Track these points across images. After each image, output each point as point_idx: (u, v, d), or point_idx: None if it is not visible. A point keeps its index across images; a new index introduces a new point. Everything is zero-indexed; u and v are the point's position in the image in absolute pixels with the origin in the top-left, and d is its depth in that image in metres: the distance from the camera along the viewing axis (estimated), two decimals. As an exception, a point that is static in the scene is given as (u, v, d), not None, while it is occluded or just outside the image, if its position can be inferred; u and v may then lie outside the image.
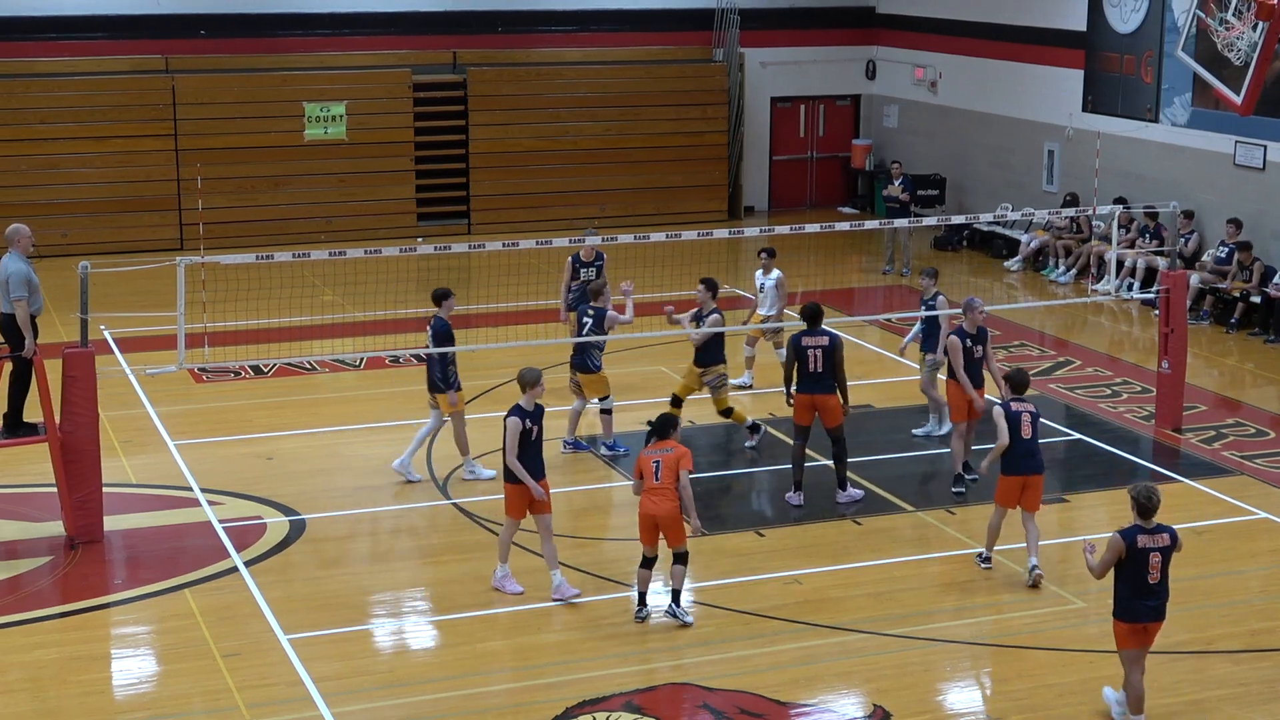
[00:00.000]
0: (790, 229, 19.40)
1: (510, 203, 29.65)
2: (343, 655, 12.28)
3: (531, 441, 12.97)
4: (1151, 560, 10.73)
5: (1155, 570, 10.73)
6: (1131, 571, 10.73)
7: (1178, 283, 17.66)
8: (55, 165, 27.56)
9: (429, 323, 16.22)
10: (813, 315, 15.48)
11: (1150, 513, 10.79)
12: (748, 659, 12.14)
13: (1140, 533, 10.78)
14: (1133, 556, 10.72)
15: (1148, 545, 10.74)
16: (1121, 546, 10.73)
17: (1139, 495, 10.84)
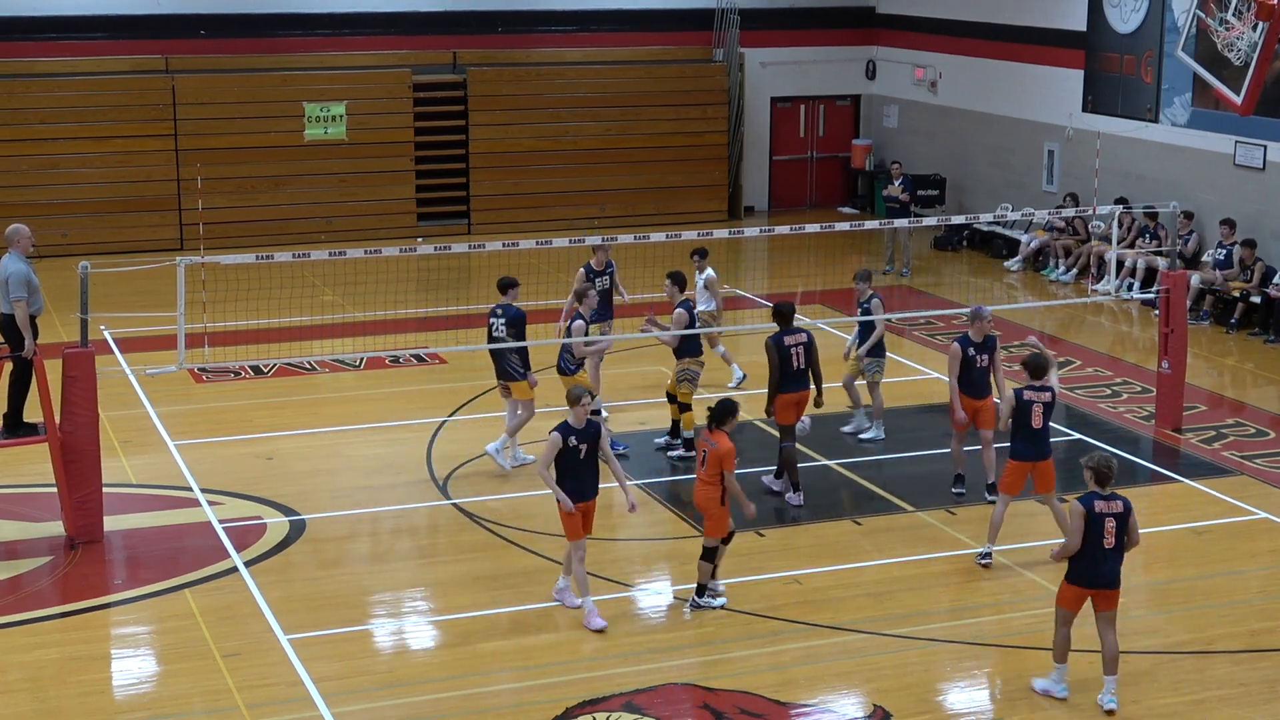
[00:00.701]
0: (790, 229, 19.39)
1: (510, 203, 29.66)
2: (343, 655, 12.28)
3: (580, 460, 12.52)
4: (1107, 526, 11.20)
5: (1110, 536, 11.20)
6: (1088, 537, 11.18)
7: (1178, 283, 17.67)
8: (55, 165, 27.56)
9: (493, 314, 16.22)
10: (788, 314, 15.57)
11: (1108, 480, 11.25)
12: (748, 659, 12.14)
13: (1097, 499, 11.23)
14: (1090, 522, 11.17)
15: (1104, 511, 11.21)
16: (1082, 512, 11.17)
17: (1098, 464, 11.28)
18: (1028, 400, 13.61)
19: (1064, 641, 11.52)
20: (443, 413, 18.48)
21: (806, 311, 23.52)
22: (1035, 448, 13.75)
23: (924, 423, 18.31)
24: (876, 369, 17.43)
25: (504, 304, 16.24)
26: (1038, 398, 13.64)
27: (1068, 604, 11.43)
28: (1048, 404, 13.68)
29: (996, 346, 15.51)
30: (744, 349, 21.84)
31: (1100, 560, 11.24)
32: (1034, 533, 14.93)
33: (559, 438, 12.45)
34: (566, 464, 12.49)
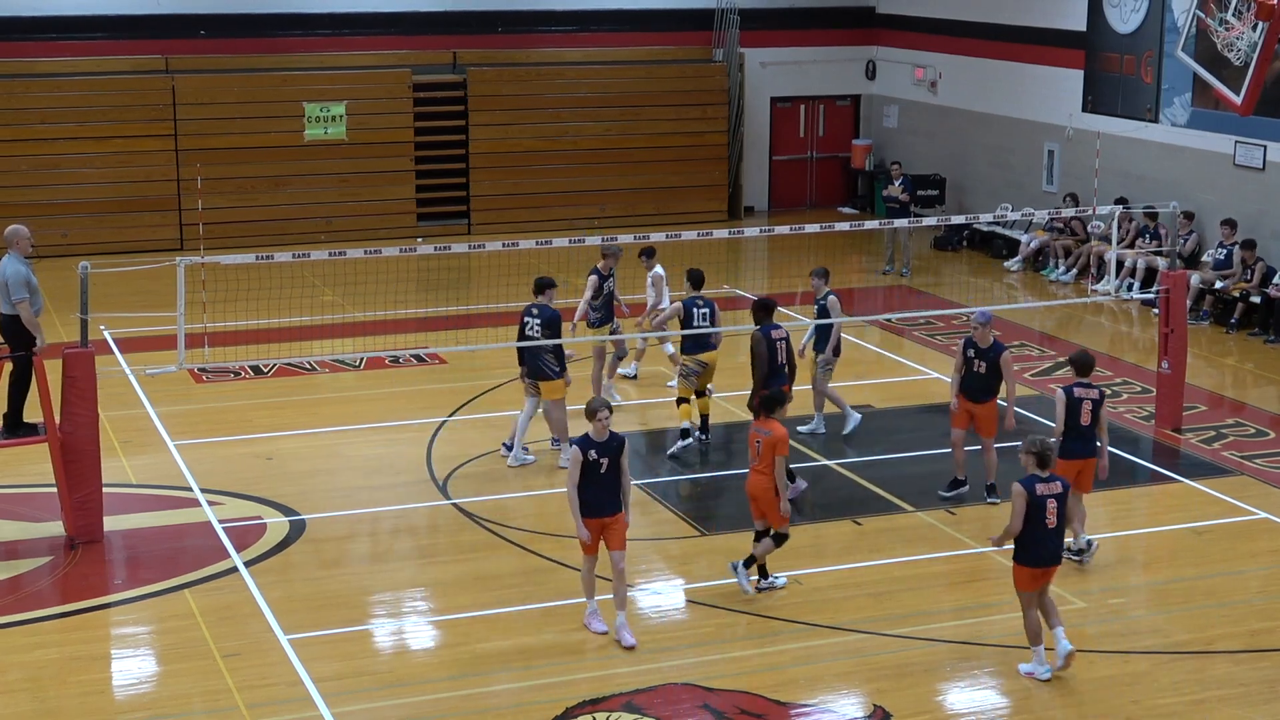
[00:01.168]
0: (790, 229, 19.39)
1: (510, 203, 29.65)
2: (343, 655, 12.28)
3: (600, 475, 12.22)
4: (1049, 507, 11.60)
5: (1053, 516, 11.62)
6: (1033, 519, 11.57)
7: (1178, 283, 17.66)
8: (55, 165, 27.56)
9: (527, 314, 16.31)
10: (772, 309, 15.71)
11: (1048, 464, 11.66)
12: (748, 659, 12.14)
13: (1038, 481, 11.63)
14: (1034, 504, 11.56)
15: (1045, 493, 11.60)
16: (1025, 494, 11.55)
17: (1037, 448, 11.69)
18: (1078, 398, 13.65)
19: (1035, 624, 11.80)
20: (443, 413, 18.48)
21: (807, 312, 23.53)
22: (1085, 445, 13.75)
23: (924, 423, 18.31)
24: (828, 367, 17.36)
25: (540, 304, 16.36)
26: (1087, 394, 13.67)
27: (1027, 586, 11.76)
28: (1096, 401, 13.70)
29: (1001, 355, 15.17)
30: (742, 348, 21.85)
31: (1045, 540, 11.66)
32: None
33: (579, 452, 12.17)
34: (586, 478, 12.19)
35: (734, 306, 23.54)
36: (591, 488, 12.24)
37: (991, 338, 15.19)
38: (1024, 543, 11.68)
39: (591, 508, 12.26)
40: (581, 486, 12.22)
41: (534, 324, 16.25)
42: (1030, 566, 11.72)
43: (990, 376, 15.20)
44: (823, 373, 17.34)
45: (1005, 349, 15.23)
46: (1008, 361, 15.15)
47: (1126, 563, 14.48)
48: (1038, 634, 11.84)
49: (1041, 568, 11.75)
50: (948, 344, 21.73)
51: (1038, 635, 11.84)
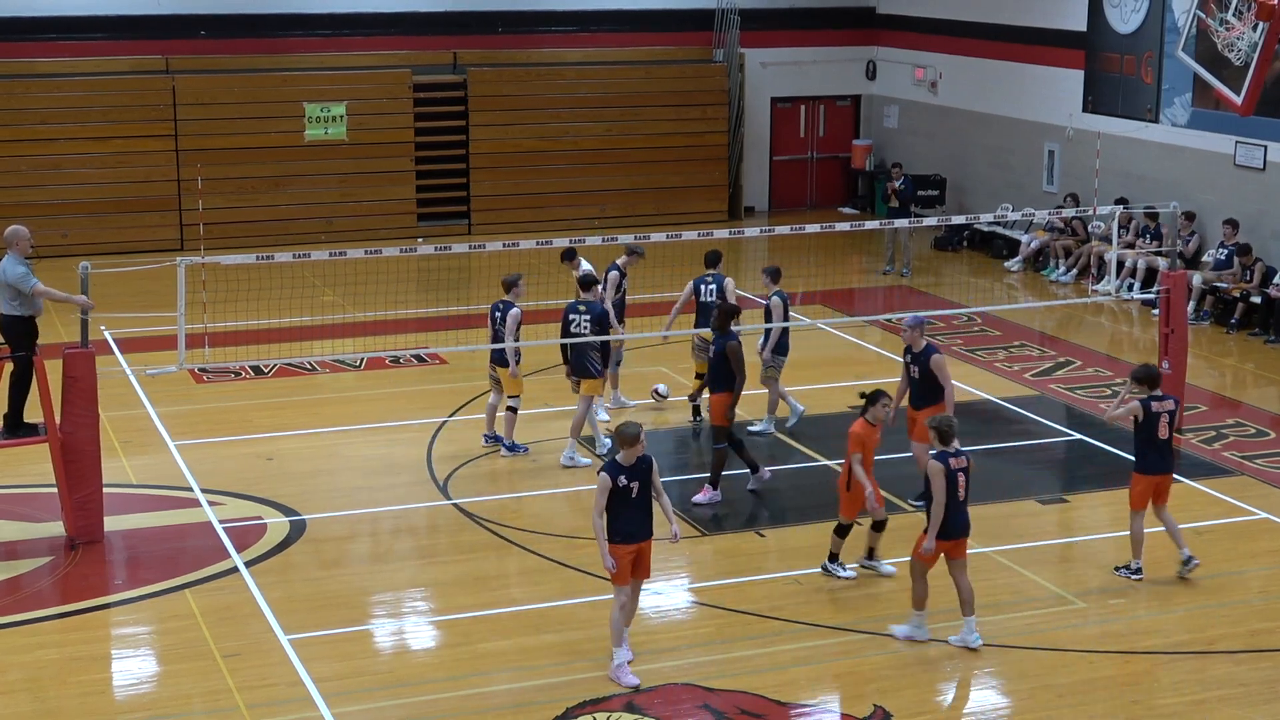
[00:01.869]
0: (790, 229, 19.41)
1: (510, 203, 29.65)
2: (343, 655, 12.28)
3: (631, 499, 11.67)
4: (959, 480, 12.08)
5: (962, 489, 12.11)
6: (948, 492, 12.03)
7: (1178, 283, 17.66)
8: (55, 165, 27.56)
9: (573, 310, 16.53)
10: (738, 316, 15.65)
11: (951, 438, 12.17)
12: (748, 659, 12.14)
13: (950, 456, 12.11)
14: (948, 478, 12.03)
15: (956, 467, 12.11)
16: (942, 470, 12.01)
17: (941, 425, 12.22)
18: (1155, 412, 13.45)
19: (925, 590, 12.37)
20: (443, 413, 18.48)
21: (807, 311, 23.55)
22: (1165, 460, 13.60)
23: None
24: (777, 366, 17.38)
25: (586, 300, 16.58)
26: (1163, 408, 13.48)
27: (931, 558, 12.23)
28: (1171, 413, 13.55)
29: (930, 360, 14.72)
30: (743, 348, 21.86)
31: (958, 511, 12.12)
32: (1035, 533, 14.94)
33: (608, 479, 11.58)
34: (617, 504, 11.61)
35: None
36: (624, 513, 11.65)
37: (924, 342, 14.84)
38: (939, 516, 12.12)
39: (624, 534, 11.66)
40: (613, 514, 11.63)
41: (582, 320, 16.49)
42: (944, 539, 12.12)
43: (924, 382, 14.82)
44: (767, 369, 17.30)
45: (936, 352, 14.84)
46: (939, 364, 14.72)
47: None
48: (924, 600, 12.35)
49: (952, 540, 12.14)
50: (948, 344, 21.73)
51: (924, 602, 12.35)
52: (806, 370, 20.30)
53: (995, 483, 16.26)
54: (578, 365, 16.59)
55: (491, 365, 17.02)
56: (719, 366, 15.31)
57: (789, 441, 17.40)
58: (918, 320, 15.02)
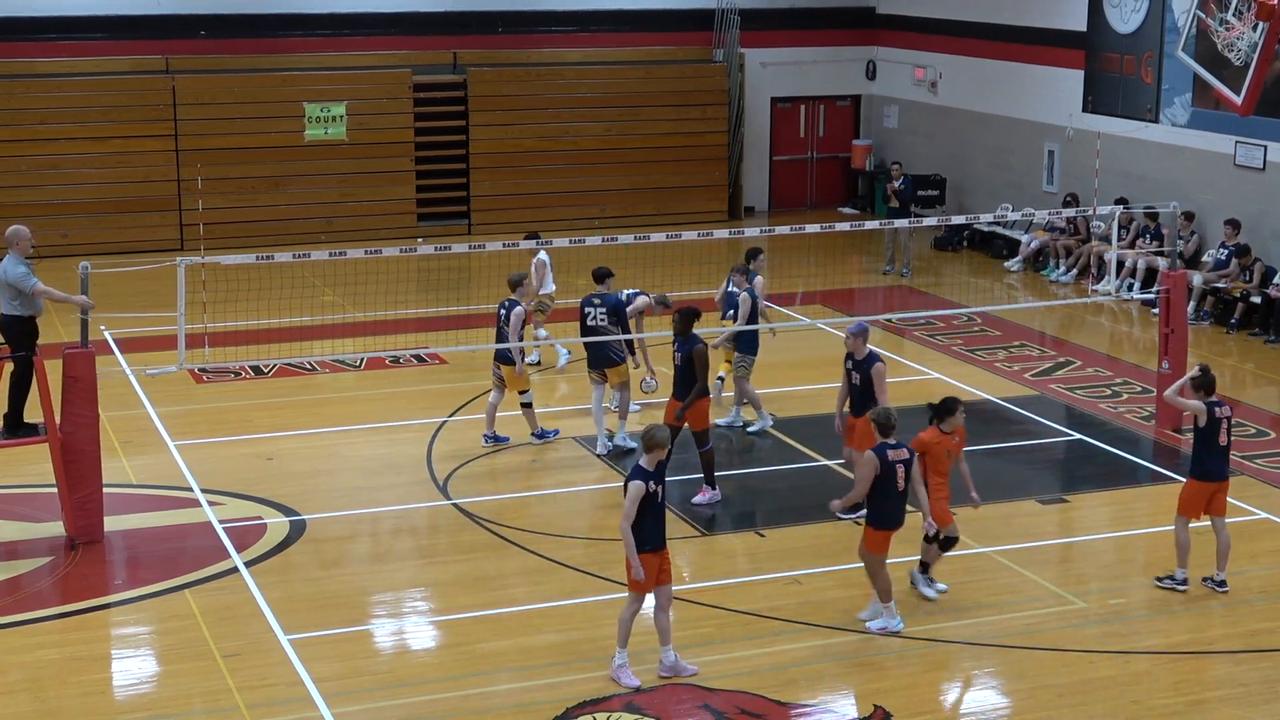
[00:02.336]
0: (790, 229, 19.41)
1: (510, 203, 29.65)
2: (343, 655, 12.28)
3: (658, 504, 11.60)
4: (898, 472, 12.32)
5: (901, 480, 12.33)
6: (884, 483, 12.29)
7: (1178, 283, 17.66)
8: (55, 165, 27.56)
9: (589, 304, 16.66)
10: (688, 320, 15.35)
11: (891, 430, 12.38)
12: (748, 659, 12.14)
13: (888, 448, 12.35)
14: (885, 470, 12.26)
15: (894, 459, 12.32)
16: (876, 462, 12.26)
17: (880, 418, 12.46)
18: (1218, 417, 13.23)
19: (888, 581, 12.50)
20: (443, 413, 18.48)
21: (807, 312, 23.56)
22: (1224, 466, 13.38)
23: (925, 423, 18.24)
24: (745, 365, 17.34)
25: (600, 293, 16.74)
26: (1224, 413, 13.25)
27: (877, 548, 12.41)
28: (1229, 418, 13.33)
29: (872, 368, 14.48)
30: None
31: (897, 501, 12.36)
32: (1035, 533, 14.95)
33: (641, 485, 11.47)
34: (645, 511, 11.50)
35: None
36: (649, 520, 11.54)
37: (867, 349, 14.67)
38: (875, 506, 12.37)
39: (652, 541, 11.58)
40: (638, 522, 11.50)
41: (597, 313, 16.65)
42: (885, 528, 12.36)
43: (864, 389, 14.57)
44: (737, 368, 17.27)
45: (878, 360, 14.61)
46: (879, 373, 14.43)
47: (1126, 563, 14.48)
48: (890, 591, 12.48)
49: (893, 529, 12.40)
50: (948, 344, 21.75)
51: (889, 592, 12.48)
52: (806, 370, 20.33)
53: (995, 483, 16.26)
54: (600, 357, 16.65)
55: (496, 363, 17.05)
56: (687, 372, 15.04)
57: (789, 441, 17.39)
58: (861, 327, 14.76)
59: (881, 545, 12.44)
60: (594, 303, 16.72)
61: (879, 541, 12.44)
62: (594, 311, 16.70)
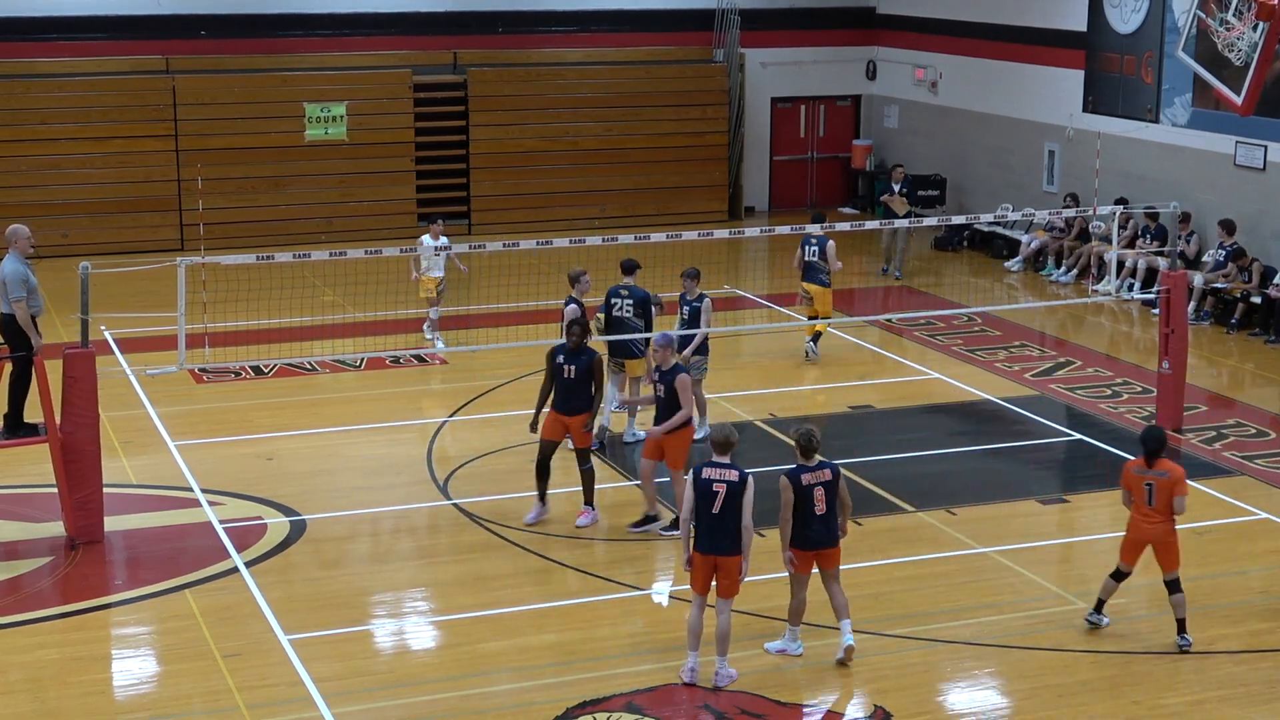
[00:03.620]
0: (791, 229, 19.41)
1: (510, 203, 29.65)
2: (343, 655, 12.28)
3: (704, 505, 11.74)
4: (816, 494, 11.89)
5: (820, 503, 11.91)
6: (800, 506, 11.88)
7: (1178, 283, 17.66)
8: (55, 165, 27.56)
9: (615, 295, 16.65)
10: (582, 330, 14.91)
11: (812, 453, 12.02)
12: (748, 659, 12.14)
13: (804, 471, 11.94)
14: (799, 493, 11.85)
15: (811, 482, 11.90)
16: (790, 486, 11.86)
17: (801, 438, 12.06)
18: None
19: (802, 605, 12.21)
20: (443, 413, 18.49)
21: (807, 311, 23.53)
22: None
23: (925, 423, 18.31)
24: (702, 369, 17.19)
25: (628, 284, 16.72)
26: None
27: (802, 570, 12.05)
28: None
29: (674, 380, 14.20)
30: (744, 348, 21.93)
31: (812, 524, 11.90)
32: (1034, 533, 14.95)
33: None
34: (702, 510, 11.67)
35: (734, 306, 23.56)
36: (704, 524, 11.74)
37: (673, 360, 14.35)
38: (795, 528, 11.95)
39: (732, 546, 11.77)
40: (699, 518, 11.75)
41: (624, 304, 16.67)
42: (798, 548, 11.95)
43: (669, 401, 14.26)
44: (695, 372, 16.93)
45: (684, 372, 14.34)
46: (683, 385, 14.13)
47: (1127, 563, 14.48)
48: (800, 614, 12.21)
49: (809, 550, 11.96)
50: (948, 344, 21.75)
51: (800, 615, 12.21)
52: (806, 370, 20.33)
53: (995, 483, 16.30)
54: (621, 347, 16.67)
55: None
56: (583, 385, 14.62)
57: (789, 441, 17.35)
58: (667, 339, 14.43)
59: (802, 567, 11.99)
60: (621, 294, 16.71)
61: (801, 562, 11.99)
62: (620, 302, 16.69)
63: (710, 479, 11.65)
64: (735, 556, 11.65)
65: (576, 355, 14.69)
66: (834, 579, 12.10)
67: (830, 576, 12.09)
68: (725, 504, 11.62)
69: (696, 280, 17.23)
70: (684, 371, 14.45)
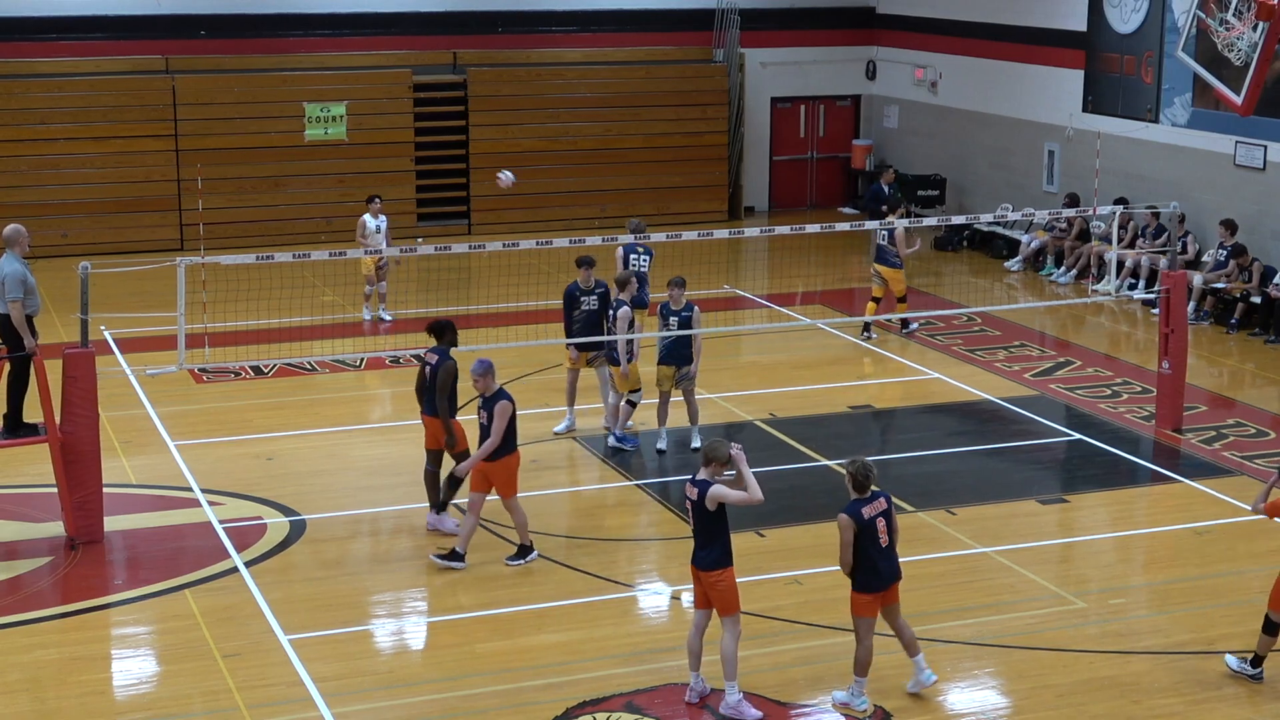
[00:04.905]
0: (790, 229, 19.41)
1: (510, 203, 29.61)
2: (343, 655, 12.28)
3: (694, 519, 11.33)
4: (878, 526, 11.20)
5: (883, 535, 11.22)
6: (863, 543, 11.15)
7: (1178, 283, 17.66)
8: (55, 165, 27.56)
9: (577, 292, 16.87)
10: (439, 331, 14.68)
11: (867, 487, 11.22)
12: (748, 659, 12.12)
13: (863, 505, 11.19)
14: (863, 530, 11.14)
15: (872, 514, 11.18)
16: (852, 524, 11.11)
17: (858, 472, 11.20)
18: None
19: (869, 655, 11.40)
20: (443, 413, 18.45)
21: (807, 311, 23.55)
22: None
23: (925, 423, 18.32)
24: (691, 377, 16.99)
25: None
26: None
27: (865, 612, 11.31)
28: None
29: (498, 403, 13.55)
30: (744, 348, 21.94)
31: (879, 560, 11.21)
32: (1034, 533, 14.95)
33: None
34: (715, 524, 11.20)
35: (734, 306, 23.56)
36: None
37: (495, 386, 13.65)
38: (860, 568, 11.20)
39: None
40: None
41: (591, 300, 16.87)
42: (868, 593, 11.23)
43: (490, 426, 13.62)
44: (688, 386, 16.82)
45: (505, 399, 13.59)
46: (501, 411, 13.46)
47: (1126, 563, 14.50)
48: (868, 665, 11.40)
49: (882, 590, 11.24)
50: (948, 344, 21.75)
51: (867, 666, 11.40)
52: (806, 370, 20.34)
53: (995, 483, 16.30)
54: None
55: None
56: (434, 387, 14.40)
57: (788, 441, 17.39)
58: (483, 366, 13.64)
59: (869, 608, 11.30)
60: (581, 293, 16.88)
61: (864, 605, 11.30)
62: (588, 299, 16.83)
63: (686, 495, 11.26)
64: (714, 571, 11.12)
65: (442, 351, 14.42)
66: (896, 613, 11.44)
67: (892, 611, 11.42)
68: (694, 521, 11.20)
69: (684, 289, 16.69)
70: (506, 399, 13.57)
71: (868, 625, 11.34)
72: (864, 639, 11.35)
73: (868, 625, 11.34)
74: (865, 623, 11.33)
